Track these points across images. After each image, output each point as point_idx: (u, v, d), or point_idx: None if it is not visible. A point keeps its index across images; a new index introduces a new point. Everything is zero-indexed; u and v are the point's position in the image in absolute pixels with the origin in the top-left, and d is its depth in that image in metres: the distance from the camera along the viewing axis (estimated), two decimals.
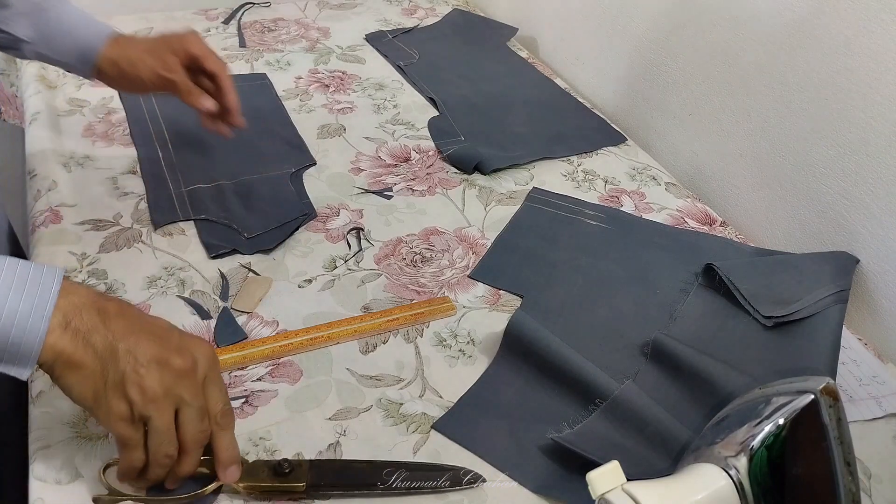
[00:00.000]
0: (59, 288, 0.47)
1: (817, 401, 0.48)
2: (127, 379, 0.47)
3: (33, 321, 0.45)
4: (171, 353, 0.49)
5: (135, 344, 0.48)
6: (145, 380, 0.47)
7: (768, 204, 0.88)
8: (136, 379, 0.47)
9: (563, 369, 0.65)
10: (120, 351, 0.47)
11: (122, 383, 0.47)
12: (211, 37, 1.18)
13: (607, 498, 0.46)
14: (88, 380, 0.47)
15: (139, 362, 0.47)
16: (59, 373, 0.47)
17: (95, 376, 0.47)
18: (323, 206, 0.84)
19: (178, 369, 0.48)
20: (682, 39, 0.97)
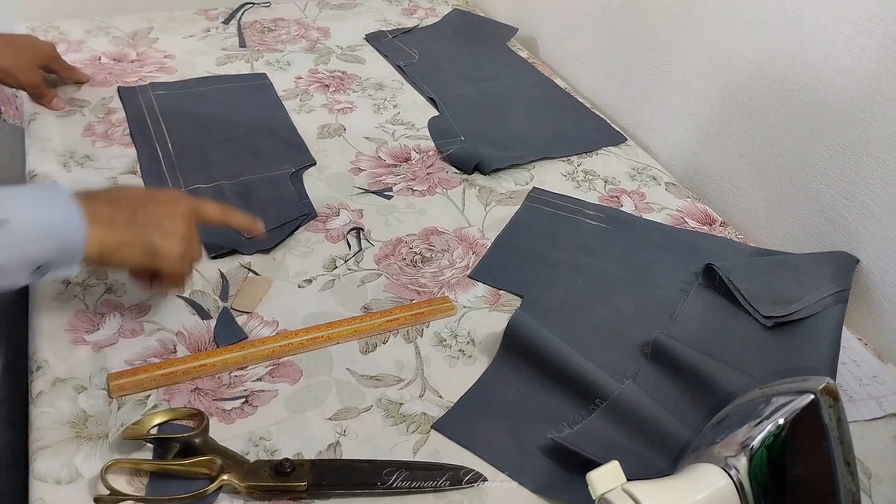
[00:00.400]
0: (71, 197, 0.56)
1: (817, 401, 0.48)
2: (160, 237, 0.60)
3: (72, 226, 0.55)
4: (170, 206, 0.62)
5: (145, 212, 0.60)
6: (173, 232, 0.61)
7: (768, 204, 0.88)
8: (167, 233, 0.61)
9: (563, 369, 0.65)
10: (140, 220, 0.60)
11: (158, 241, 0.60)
12: (211, 37, 1.18)
13: (607, 498, 0.46)
14: (135, 247, 0.59)
15: (159, 222, 0.61)
16: (108, 257, 0.59)
17: (136, 243, 0.59)
18: (323, 206, 0.84)
19: (182, 213, 0.63)
20: (682, 39, 0.97)
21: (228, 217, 0.69)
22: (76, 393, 0.60)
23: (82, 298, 0.69)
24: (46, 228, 0.54)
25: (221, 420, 0.60)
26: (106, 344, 0.65)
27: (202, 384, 0.62)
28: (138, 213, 0.60)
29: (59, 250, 0.55)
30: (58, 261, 0.55)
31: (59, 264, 0.56)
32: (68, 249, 0.55)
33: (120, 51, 1.11)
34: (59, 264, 0.56)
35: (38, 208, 0.55)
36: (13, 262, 0.53)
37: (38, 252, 0.54)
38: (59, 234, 0.55)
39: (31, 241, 0.53)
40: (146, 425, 0.56)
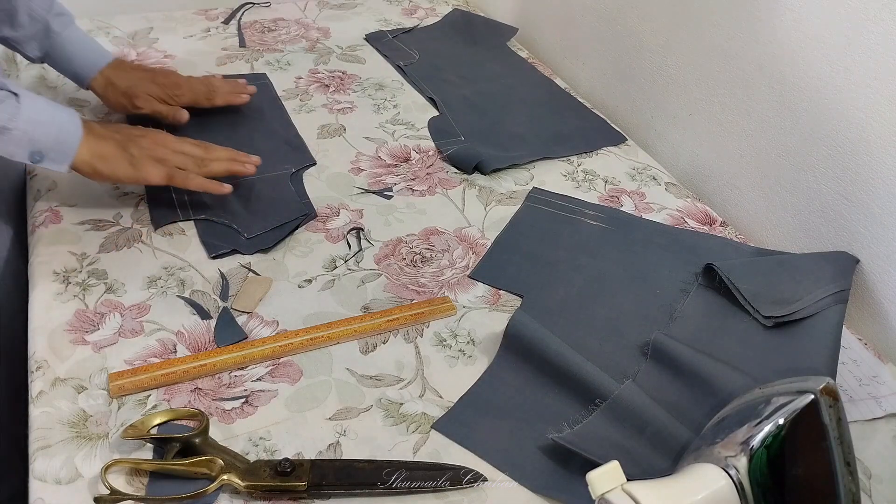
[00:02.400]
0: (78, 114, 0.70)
1: (817, 401, 0.48)
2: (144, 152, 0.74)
3: (72, 127, 0.69)
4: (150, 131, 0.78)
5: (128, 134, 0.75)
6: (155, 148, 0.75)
7: (768, 204, 0.88)
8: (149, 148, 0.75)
9: (563, 369, 0.65)
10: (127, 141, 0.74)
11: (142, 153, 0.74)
12: (211, 37, 1.18)
13: (607, 498, 0.46)
14: (121, 160, 0.72)
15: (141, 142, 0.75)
16: (98, 165, 0.71)
17: (124, 157, 0.72)
18: (323, 206, 0.84)
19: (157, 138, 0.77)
20: (682, 39, 0.97)
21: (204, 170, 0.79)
22: (76, 393, 0.60)
23: (82, 298, 0.69)
24: (51, 119, 0.67)
25: (221, 420, 0.60)
26: (106, 344, 0.65)
27: (202, 384, 0.62)
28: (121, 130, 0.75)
29: (56, 142, 0.68)
30: (53, 152, 0.68)
31: (53, 156, 0.68)
32: (64, 144, 0.68)
33: (120, 51, 1.11)
34: (53, 156, 0.68)
35: (48, 105, 0.68)
36: (17, 133, 0.65)
37: (39, 135, 0.66)
38: (59, 128, 0.68)
39: (36, 123, 0.66)
40: (146, 425, 0.56)
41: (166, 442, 0.56)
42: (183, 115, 0.92)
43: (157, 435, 0.56)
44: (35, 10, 0.83)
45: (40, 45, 0.85)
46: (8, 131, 0.64)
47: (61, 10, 0.86)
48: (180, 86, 0.93)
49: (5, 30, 0.83)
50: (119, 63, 0.91)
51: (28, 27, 0.83)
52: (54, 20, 0.85)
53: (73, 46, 0.87)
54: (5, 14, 0.82)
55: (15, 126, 0.65)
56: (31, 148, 0.66)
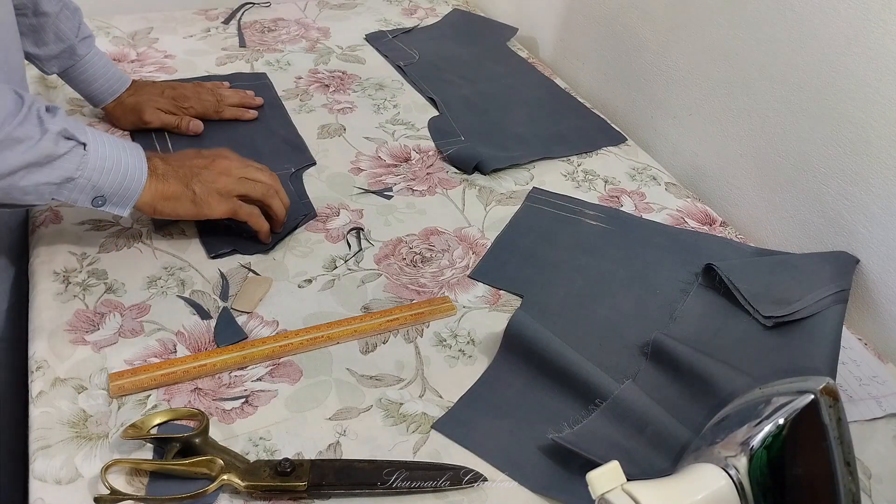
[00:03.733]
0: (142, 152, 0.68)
1: (817, 401, 0.48)
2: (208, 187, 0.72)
3: (137, 171, 0.67)
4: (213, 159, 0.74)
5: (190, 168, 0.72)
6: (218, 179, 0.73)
7: (768, 204, 0.88)
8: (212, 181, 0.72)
9: (563, 369, 0.65)
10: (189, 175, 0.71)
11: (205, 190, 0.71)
12: (211, 37, 1.18)
13: (607, 498, 0.46)
14: (184, 199, 0.70)
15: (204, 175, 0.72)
16: (160, 207, 0.70)
17: (186, 195, 0.70)
18: (323, 206, 0.84)
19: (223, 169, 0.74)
20: (682, 39, 0.97)
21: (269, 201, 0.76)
22: (76, 393, 0.60)
23: (82, 298, 0.69)
24: (116, 165, 0.65)
25: (221, 420, 0.60)
26: (106, 344, 0.65)
27: (202, 384, 0.62)
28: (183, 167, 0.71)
29: (120, 188, 0.66)
30: (115, 197, 0.66)
31: (116, 201, 0.67)
32: (127, 190, 0.66)
33: (120, 51, 1.11)
34: (116, 201, 0.67)
35: (115, 149, 0.66)
36: (82, 181, 0.64)
37: (103, 182, 0.65)
38: (123, 174, 0.66)
39: (100, 170, 0.64)
40: (146, 425, 0.56)
41: (166, 442, 0.56)
42: (197, 126, 0.93)
43: (157, 435, 0.56)
44: (63, 31, 0.83)
45: (61, 64, 0.85)
46: (73, 181, 0.63)
47: (87, 32, 0.87)
48: (188, 98, 0.93)
49: (29, 45, 0.82)
50: (132, 85, 0.92)
51: (52, 46, 0.83)
52: (80, 44, 0.85)
53: (93, 70, 0.87)
54: (31, 31, 0.81)
55: (80, 175, 0.63)
56: (94, 195, 0.65)
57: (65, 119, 0.63)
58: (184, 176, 0.71)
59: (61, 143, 0.62)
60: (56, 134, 0.61)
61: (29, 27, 0.81)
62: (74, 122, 0.64)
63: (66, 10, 0.83)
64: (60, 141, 0.62)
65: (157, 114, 0.91)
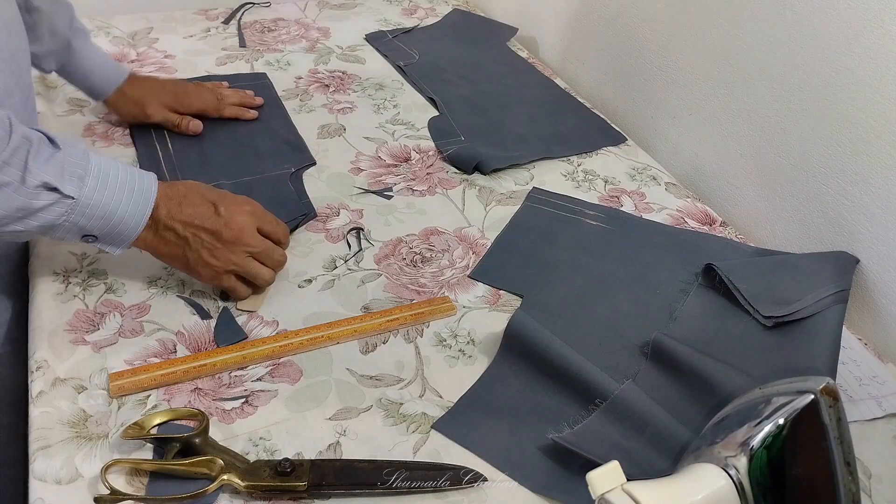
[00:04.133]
0: (150, 199, 0.63)
1: (817, 401, 0.48)
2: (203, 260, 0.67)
3: (132, 223, 0.63)
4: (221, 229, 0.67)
5: (194, 233, 0.66)
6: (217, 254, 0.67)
7: (768, 204, 0.88)
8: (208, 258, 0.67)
9: (563, 369, 0.65)
10: (190, 239, 0.66)
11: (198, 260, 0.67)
12: (211, 37, 1.18)
13: (607, 498, 0.46)
14: (175, 260, 0.68)
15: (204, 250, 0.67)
16: (151, 254, 0.67)
17: (178, 259, 0.67)
18: (323, 206, 0.84)
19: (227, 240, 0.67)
20: (682, 39, 0.97)
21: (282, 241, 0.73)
22: (76, 393, 0.60)
23: (82, 298, 0.69)
24: (109, 213, 0.61)
25: (221, 420, 0.60)
26: (106, 344, 0.65)
27: (202, 384, 0.62)
28: (188, 229, 0.66)
29: (112, 232, 0.63)
30: (108, 238, 0.63)
31: (108, 242, 0.64)
32: (118, 237, 0.63)
33: (120, 51, 1.11)
34: (108, 242, 0.64)
35: (116, 193, 0.61)
36: (67, 225, 0.60)
37: (91, 226, 0.61)
38: (117, 222, 0.62)
39: (89, 217, 0.60)
40: (146, 425, 0.56)
41: (166, 442, 0.56)
42: (197, 126, 0.93)
43: (157, 435, 0.56)
44: (56, 25, 0.82)
45: (57, 59, 0.85)
46: (57, 226, 0.59)
47: (80, 25, 0.87)
48: (189, 94, 0.93)
49: None
50: (132, 77, 0.91)
51: (48, 43, 0.82)
52: (75, 37, 0.85)
53: (90, 62, 0.87)
54: (26, 28, 0.80)
55: (65, 221, 0.59)
56: (82, 234, 0.62)
57: (62, 160, 0.58)
58: (183, 241, 0.66)
59: (42, 196, 0.57)
60: (36, 187, 0.56)
61: (24, 26, 0.80)
62: (78, 157, 0.60)
63: (58, 5, 0.83)
64: (41, 194, 0.57)
65: (161, 109, 0.91)
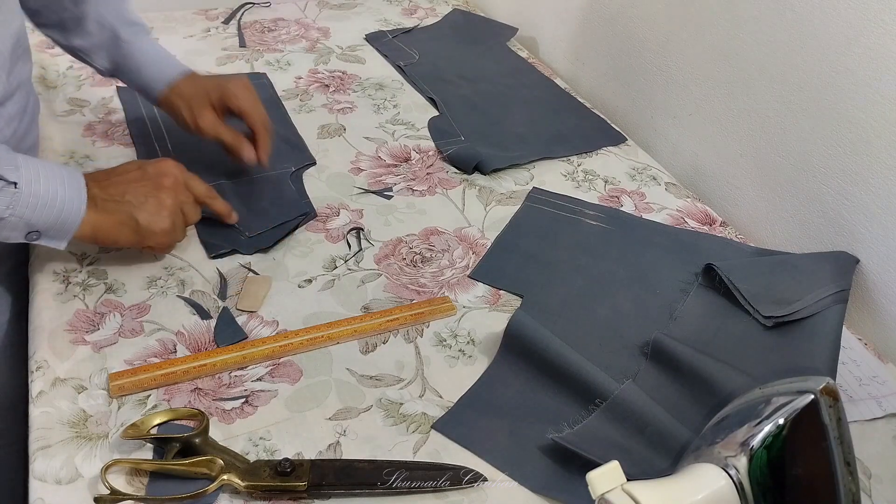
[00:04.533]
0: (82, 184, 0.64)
1: (817, 401, 0.48)
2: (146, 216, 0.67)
3: (74, 207, 0.63)
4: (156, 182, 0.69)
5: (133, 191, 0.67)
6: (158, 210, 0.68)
7: (768, 204, 0.88)
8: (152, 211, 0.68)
9: (563, 369, 0.65)
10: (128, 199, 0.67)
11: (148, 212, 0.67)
12: (211, 37, 1.18)
13: (607, 498, 0.46)
14: (124, 231, 0.67)
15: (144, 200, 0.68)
16: (100, 237, 0.67)
17: (124, 225, 0.67)
18: (323, 206, 0.84)
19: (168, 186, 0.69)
20: (682, 39, 0.97)
21: (211, 200, 0.74)
22: (76, 393, 0.60)
23: (82, 298, 0.69)
24: (51, 201, 0.61)
25: (221, 420, 0.60)
26: (106, 344, 0.65)
27: (202, 384, 0.62)
28: (127, 193, 0.67)
29: (56, 222, 0.63)
30: (51, 231, 0.63)
31: (52, 234, 0.64)
32: (63, 225, 0.63)
33: None
34: (52, 234, 0.64)
35: (50, 184, 0.62)
36: (13, 220, 0.60)
37: (36, 219, 0.61)
38: (59, 209, 0.62)
39: (34, 207, 0.61)
40: (146, 425, 0.56)
41: (166, 442, 0.56)
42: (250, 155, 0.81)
43: (157, 435, 0.56)
44: (104, 16, 0.79)
45: (109, 55, 0.81)
46: (3, 220, 0.60)
47: (134, 19, 0.82)
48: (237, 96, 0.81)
49: (75, 39, 0.80)
50: (191, 75, 0.83)
51: (96, 35, 0.79)
52: (124, 28, 0.80)
53: (142, 57, 0.81)
54: (74, 21, 0.79)
55: (11, 214, 0.60)
56: (27, 230, 0.62)
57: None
58: (127, 205, 0.66)
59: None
60: None
61: (72, 20, 0.79)
62: (6, 152, 0.61)
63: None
64: None
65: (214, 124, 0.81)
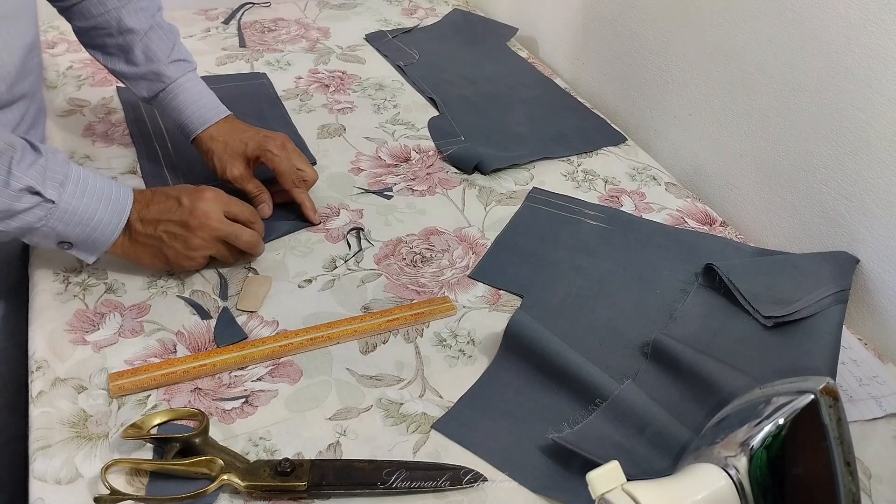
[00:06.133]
0: (125, 207, 0.66)
1: (817, 401, 0.48)
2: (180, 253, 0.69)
3: (108, 230, 0.65)
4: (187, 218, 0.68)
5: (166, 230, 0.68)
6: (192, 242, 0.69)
7: (768, 204, 0.88)
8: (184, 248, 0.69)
9: (563, 369, 0.65)
10: (164, 237, 0.68)
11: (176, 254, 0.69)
12: (211, 37, 1.18)
13: (607, 498, 0.46)
14: (153, 262, 0.70)
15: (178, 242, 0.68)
16: (131, 260, 0.70)
17: (157, 260, 0.70)
18: (323, 206, 0.84)
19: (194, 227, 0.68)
20: (682, 39, 0.97)
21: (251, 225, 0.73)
22: (76, 393, 0.60)
23: (82, 298, 0.69)
24: (86, 220, 0.64)
25: (221, 420, 0.60)
26: (106, 344, 0.65)
27: (202, 384, 0.62)
28: (160, 226, 0.68)
29: (87, 240, 0.65)
30: (82, 246, 0.66)
31: (83, 248, 0.66)
32: (94, 243, 0.66)
33: None
34: (83, 248, 0.66)
35: (91, 203, 0.64)
36: (45, 230, 0.63)
37: (69, 233, 0.64)
38: (92, 230, 0.64)
39: (66, 223, 0.63)
40: (146, 425, 0.56)
41: (166, 442, 0.56)
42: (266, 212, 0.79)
43: (157, 435, 0.56)
44: (153, 51, 0.80)
45: (150, 87, 0.81)
46: (35, 230, 0.62)
47: (183, 55, 0.82)
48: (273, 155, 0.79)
49: (119, 65, 0.81)
50: (230, 120, 0.83)
51: (141, 66, 0.80)
52: (170, 65, 0.80)
53: (184, 96, 0.81)
54: (120, 50, 0.80)
55: (44, 225, 0.62)
56: (59, 240, 0.64)
57: (44, 166, 0.61)
58: (157, 240, 0.68)
59: (24, 199, 0.60)
60: (19, 190, 0.60)
61: (117, 46, 0.80)
62: (59, 165, 0.62)
63: (159, 28, 0.80)
64: (24, 196, 0.60)
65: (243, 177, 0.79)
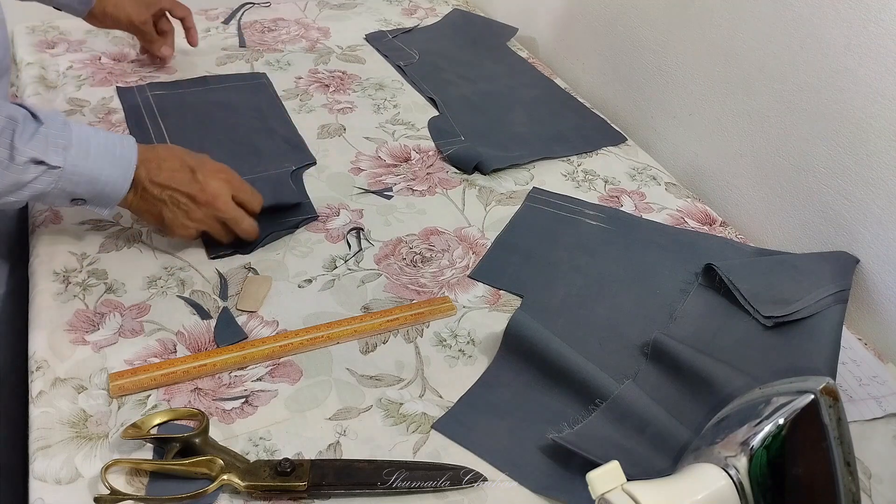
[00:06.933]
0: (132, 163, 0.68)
1: (817, 401, 0.48)
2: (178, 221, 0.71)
3: (117, 188, 0.67)
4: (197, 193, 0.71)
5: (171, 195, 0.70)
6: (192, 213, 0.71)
7: (768, 204, 0.88)
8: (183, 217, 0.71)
9: (563, 369, 0.65)
10: (167, 201, 0.70)
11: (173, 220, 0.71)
12: (211, 36, 1.18)
13: (607, 498, 0.46)
14: (150, 218, 0.73)
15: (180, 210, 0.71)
16: (137, 216, 0.75)
17: (154, 216, 0.72)
18: (323, 206, 0.84)
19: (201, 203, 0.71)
20: (682, 39, 0.97)
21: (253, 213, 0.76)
22: (76, 393, 0.60)
23: (82, 298, 0.69)
24: (94, 179, 0.65)
25: (221, 420, 0.60)
26: (106, 344, 0.65)
27: (202, 384, 0.62)
28: (165, 191, 0.70)
29: (98, 196, 0.67)
30: (95, 201, 0.68)
31: (96, 204, 0.68)
32: (106, 199, 0.68)
33: (120, 51, 1.11)
34: (96, 204, 0.68)
35: (97, 162, 0.65)
36: (56, 191, 0.64)
37: (79, 191, 0.66)
38: (102, 187, 0.66)
39: (76, 183, 0.65)
40: (146, 425, 0.56)
41: (166, 442, 0.56)
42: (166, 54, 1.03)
43: (157, 435, 0.56)
44: None
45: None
46: (46, 194, 0.64)
47: None
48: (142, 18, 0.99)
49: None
50: None
51: None
52: None
53: None
54: None
55: (54, 188, 0.64)
56: (71, 198, 0.66)
57: (46, 133, 0.62)
58: (161, 202, 0.70)
59: (31, 170, 0.62)
60: (24, 163, 0.61)
61: None
62: (60, 128, 0.63)
63: None
64: (30, 168, 0.62)
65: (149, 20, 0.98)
